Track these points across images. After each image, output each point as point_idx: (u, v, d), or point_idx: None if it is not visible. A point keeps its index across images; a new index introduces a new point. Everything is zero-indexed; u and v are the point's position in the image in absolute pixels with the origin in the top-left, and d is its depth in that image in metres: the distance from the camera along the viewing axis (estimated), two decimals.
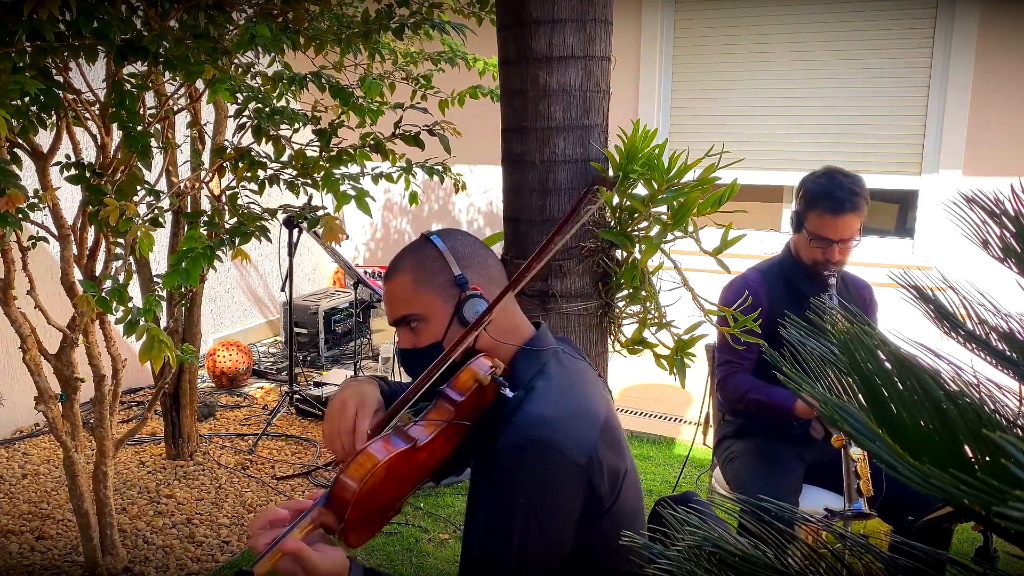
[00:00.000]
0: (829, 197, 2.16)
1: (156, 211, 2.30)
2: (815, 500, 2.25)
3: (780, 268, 2.35)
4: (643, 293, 2.13)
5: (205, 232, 2.29)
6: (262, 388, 4.51)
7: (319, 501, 1.14)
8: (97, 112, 2.28)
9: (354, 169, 2.57)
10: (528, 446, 1.17)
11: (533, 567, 1.20)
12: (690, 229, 2.04)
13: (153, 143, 2.10)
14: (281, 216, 2.74)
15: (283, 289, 4.04)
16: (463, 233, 1.39)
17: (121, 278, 2.12)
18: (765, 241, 4.50)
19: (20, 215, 1.96)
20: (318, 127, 2.59)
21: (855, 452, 1.95)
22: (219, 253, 2.16)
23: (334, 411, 1.29)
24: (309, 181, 2.52)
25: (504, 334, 1.32)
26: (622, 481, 1.28)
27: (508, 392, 1.22)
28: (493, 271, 1.36)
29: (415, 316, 1.31)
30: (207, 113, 3.33)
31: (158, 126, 2.56)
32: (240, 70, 2.76)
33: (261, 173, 2.53)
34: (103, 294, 2.02)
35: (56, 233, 2.29)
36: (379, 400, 1.32)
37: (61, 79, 2.13)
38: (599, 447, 1.23)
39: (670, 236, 2.06)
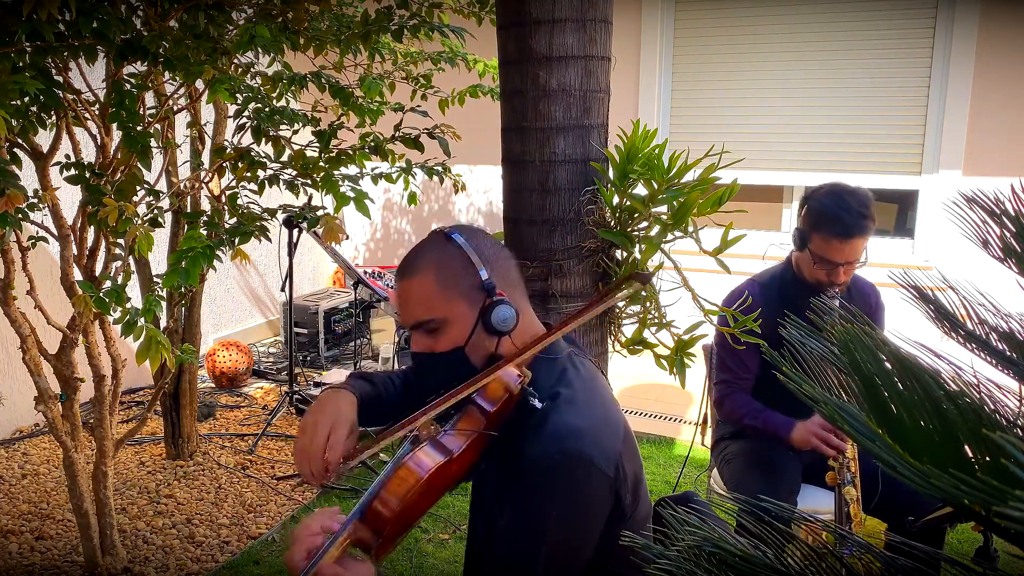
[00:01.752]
0: (838, 221, 2.06)
1: (156, 211, 2.30)
2: (813, 499, 2.26)
3: (780, 283, 2.28)
4: (643, 293, 2.13)
5: (205, 232, 2.29)
6: (262, 388, 4.51)
7: (353, 516, 1.11)
8: (97, 112, 2.28)
9: (353, 170, 2.57)
10: (563, 458, 1.16)
11: (558, 575, 1.20)
12: (690, 229, 2.03)
13: (153, 143, 2.10)
14: (281, 216, 2.74)
15: (283, 289, 4.03)
16: (482, 231, 1.32)
17: (120, 278, 2.12)
18: (772, 245, 4.49)
19: (20, 215, 1.96)
20: (317, 128, 2.59)
21: (849, 493, 1.96)
22: (219, 253, 2.16)
23: (306, 431, 1.25)
24: (309, 181, 2.52)
25: (523, 341, 1.28)
26: (640, 488, 1.29)
27: (537, 403, 1.19)
28: (513, 274, 1.31)
29: (437, 320, 1.23)
30: (207, 113, 3.33)
31: (158, 126, 2.56)
32: (240, 70, 2.76)
33: (261, 173, 2.53)
34: (101, 294, 2.02)
35: (56, 233, 2.29)
36: (352, 421, 1.28)
37: (61, 79, 2.13)
38: (623, 457, 1.23)
39: (670, 236, 2.05)
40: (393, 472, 1.12)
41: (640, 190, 2.05)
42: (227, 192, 2.61)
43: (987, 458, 0.58)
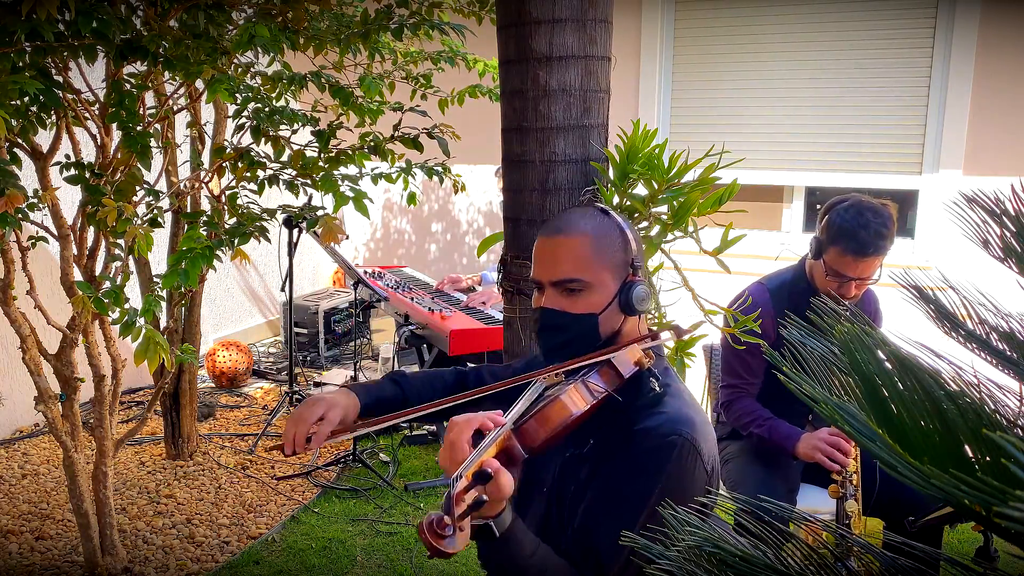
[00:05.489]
0: (854, 238, 2.05)
1: (155, 211, 2.30)
2: (812, 499, 2.26)
3: (791, 289, 2.26)
4: None
5: (205, 232, 2.28)
6: (262, 388, 4.51)
7: (506, 425, 1.13)
8: (97, 112, 2.28)
9: (353, 170, 2.57)
10: (679, 440, 1.22)
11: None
12: (690, 229, 2.03)
13: (153, 143, 2.10)
14: (281, 216, 2.74)
15: (283, 289, 4.03)
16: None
17: (119, 279, 2.12)
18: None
19: (20, 215, 1.96)
20: (316, 128, 2.59)
21: (851, 507, 1.96)
22: (218, 253, 2.16)
23: (306, 405, 1.37)
24: (308, 181, 2.52)
25: (635, 330, 1.37)
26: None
27: (657, 386, 1.26)
28: (644, 265, 1.40)
29: (583, 283, 1.30)
30: (207, 113, 3.33)
31: (158, 126, 2.56)
32: (240, 70, 2.76)
33: (261, 173, 2.53)
34: (100, 295, 2.02)
35: (56, 233, 2.29)
36: (347, 412, 1.40)
37: (61, 79, 2.13)
38: (717, 463, 1.29)
39: (670, 236, 2.05)
40: (546, 404, 1.16)
41: (640, 190, 2.04)
42: (227, 192, 2.61)
43: (987, 458, 0.58)
